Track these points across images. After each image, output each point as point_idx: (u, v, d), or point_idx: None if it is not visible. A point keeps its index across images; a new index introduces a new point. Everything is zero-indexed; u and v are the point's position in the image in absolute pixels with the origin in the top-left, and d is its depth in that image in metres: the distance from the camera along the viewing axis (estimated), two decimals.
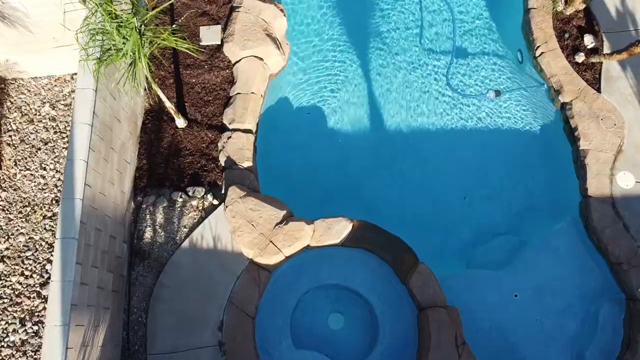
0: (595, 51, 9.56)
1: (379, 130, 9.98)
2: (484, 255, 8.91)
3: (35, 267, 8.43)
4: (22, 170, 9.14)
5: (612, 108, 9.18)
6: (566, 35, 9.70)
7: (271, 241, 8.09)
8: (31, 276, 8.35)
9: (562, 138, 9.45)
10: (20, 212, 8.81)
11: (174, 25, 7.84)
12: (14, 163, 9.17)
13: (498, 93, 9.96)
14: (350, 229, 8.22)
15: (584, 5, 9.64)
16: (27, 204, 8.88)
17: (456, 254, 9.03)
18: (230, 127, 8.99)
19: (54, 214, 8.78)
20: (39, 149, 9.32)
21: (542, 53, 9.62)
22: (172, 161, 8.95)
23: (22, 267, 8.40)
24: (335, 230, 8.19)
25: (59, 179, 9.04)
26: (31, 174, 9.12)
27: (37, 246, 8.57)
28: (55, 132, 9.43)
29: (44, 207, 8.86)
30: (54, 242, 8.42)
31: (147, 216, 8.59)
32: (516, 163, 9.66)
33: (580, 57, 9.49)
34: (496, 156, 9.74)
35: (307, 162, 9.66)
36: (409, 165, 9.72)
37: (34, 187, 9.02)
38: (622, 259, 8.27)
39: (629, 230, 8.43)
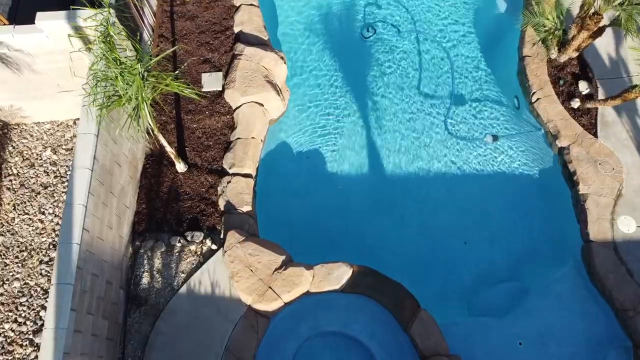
0: (590, 97, 9.73)
1: (378, 175, 10.02)
2: (486, 301, 8.75)
3: (29, 313, 8.26)
4: (20, 214, 9.10)
5: (609, 152, 9.25)
6: (561, 82, 9.89)
7: (270, 287, 7.96)
8: (24, 323, 8.16)
9: (561, 182, 9.47)
10: (17, 257, 8.71)
11: (176, 72, 8.00)
12: (12, 207, 9.15)
13: (495, 138, 10.06)
14: (350, 275, 8.12)
15: (577, 53, 9.88)
16: (24, 248, 8.79)
17: (458, 300, 8.87)
18: (230, 171, 9.02)
19: (51, 259, 8.68)
20: (39, 193, 9.32)
21: (538, 99, 9.78)
22: (172, 205, 8.93)
23: (16, 314, 8.23)
24: (335, 275, 8.08)
25: (57, 224, 8.99)
26: (29, 218, 9.08)
27: (32, 292, 8.42)
28: (55, 177, 9.46)
29: (41, 251, 8.77)
30: (49, 288, 8.29)
31: (145, 261, 8.48)
32: (516, 207, 9.64)
33: (575, 103, 9.64)
34: (496, 200, 9.73)
35: (306, 207, 9.65)
36: (408, 209, 9.70)
37: (31, 232, 8.96)
38: (627, 305, 8.12)
39: (632, 275, 8.32)
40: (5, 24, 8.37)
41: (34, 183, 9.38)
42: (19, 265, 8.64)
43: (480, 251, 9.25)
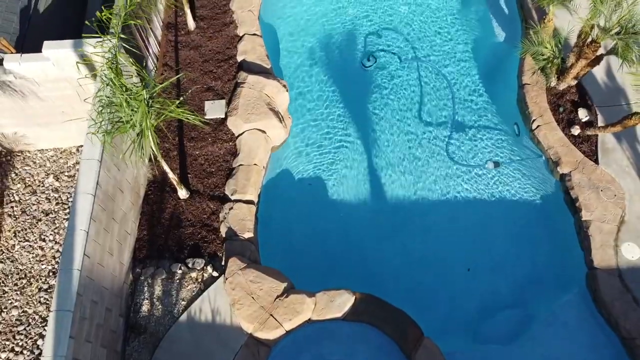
0: (590, 124, 9.80)
1: (380, 202, 10.01)
2: (491, 329, 8.62)
3: (26, 342, 8.13)
4: (21, 241, 9.06)
5: (611, 179, 9.26)
6: (561, 109, 9.98)
7: (271, 315, 7.86)
8: (21, 352, 8.03)
9: (563, 208, 9.45)
10: (16, 285, 8.63)
11: (180, 99, 8.08)
12: (13, 234, 9.11)
13: (497, 164, 10.09)
14: (353, 302, 8.02)
15: (575, 81, 10.00)
16: (23, 276, 8.72)
17: (462, 328, 8.73)
18: (232, 198, 9.02)
19: (50, 287, 8.59)
20: (40, 220, 9.30)
21: (538, 126, 9.85)
22: (173, 232, 8.89)
23: (13, 343, 8.10)
24: (337, 303, 7.99)
25: (58, 251, 8.94)
26: (30, 245, 9.03)
27: (30, 320, 8.31)
28: (57, 203, 9.45)
29: (40, 279, 8.69)
30: (47, 316, 8.19)
31: (145, 288, 8.40)
32: (519, 233, 9.59)
33: (575, 130, 9.70)
34: (499, 227, 9.68)
35: (308, 233, 9.60)
36: (411, 236, 9.64)
37: (31, 259, 8.90)
38: (633, 333, 7.99)
39: (638, 303, 8.22)
40: (12, 52, 8.50)
41: (35, 210, 9.37)
42: (18, 292, 8.55)
43: (484, 278, 9.15)
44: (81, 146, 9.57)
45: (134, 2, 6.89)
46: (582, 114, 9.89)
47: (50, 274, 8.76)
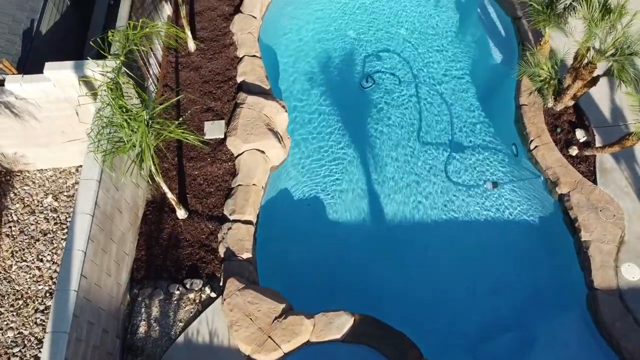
0: (588, 144, 9.84)
1: (379, 222, 9.99)
2: (491, 351, 8.52)
3: None
4: (18, 261, 9.02)
5: (609, 199, 9.26)
6: (558, 130, 10.03)
7: (269, 336, 7.78)
8: None
9: (562, 229, 9.43)
10: (12, 306, 8.56)
11: (180, 119, 8.13)
12: (11, 254, 9.07)
13: (495, 184, 10.11)
14: (352, 324, 7.95)
15: (572, 102, 10.07)
16: (19, 296, 8.65)
17: (462, 350, 8.64)
18: (231, 218, 9.01)
19: (47, 308, 8.52)
20: (38, 240, 9.27)
21: (536, 146, 9.89)
22: (171, 252, 8.86)
23: None
24: (336, 324, 7.91)
25: (55, 271, 8.89)
26: (27, 266, 8.99)
27: (26, 342, 8.22)
28: (55, 223, 9.43)
29: (37, 300, 8.62)
30: (43, 338, 8.10)
31: (143, 309, 8.33)
32: (518, 254, 9.55)
33: (573, 150, 9.74)
34: (498, 247, 9.65)
35: (307, 254, 9.56)
36: (410, 257, 9.60)
37: (28, 279, 8.84)
38: (636, 354, 7.90)
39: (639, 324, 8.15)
40: (14, 73, 8.58)
41: (33, 230, 9.35)
42: (14, 314, 8.48)
43: (484, 299, 9.08)
44: (80, 166, 9.59)
45: (139, 33, 6.97)
46: (580, 135, 9.94)
47: (47, 294, 8.70)
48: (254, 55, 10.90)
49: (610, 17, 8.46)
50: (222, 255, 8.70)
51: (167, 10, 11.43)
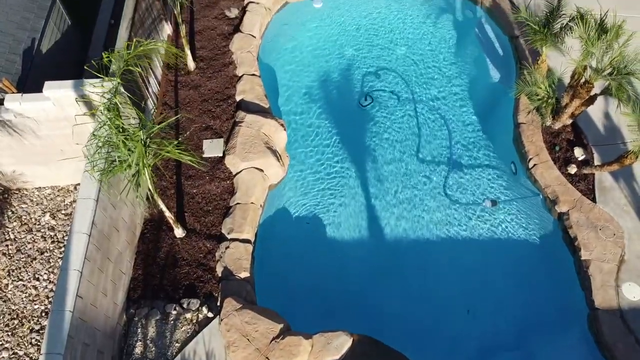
0: (587, 163, 9.84)
1: (378, 240, 9.94)
2: None
3: None
4: (14, 280, 8.95)
5: (609, 218, 9.22)
6: (557, 148, 10.04)
7: (267, 357, 7.68)
8: None
9: (562, 247, 9.38)
10: (7, 325, 8.48)
11: (178, 139, 8.14)
12: (7, 273, 9.01)
13: (494, 202, 10.08)
14: (351, 344, 7.84)
15: (571, 120, 10.09)
16: (15, 316, 8.57)
17: None
18: (229, 236, 8.96)
19: (42, 327, 8.43)
20: (35, 258, 9.21)
21: (535, 165, 9.89)
22: (168, 272, 8.79)
23: None
24: (334, 345, 7.81)
25: (51, 290, 8.82)
26: (23, 285, 8.92)
27: None
28: (52, 242, 9.39)
29: (33, 319, 8.54)
30: (38, 359, 8.00)
31: (139, 330, 8.24)
32: (518, 273, 9.49)
33: (572, 169, 9.73)
34: (497, 266, 9.59)
35: (306, 273, 9.49)
36: (409, 276, 9.53)
37: (24, 299, 8.77)
38: None
39: None
40: (14, 92, 8.62)
41: (30, 248, 9.30)
42: (9, 333, 8.39)
43: (484, 319, 8.99)
44: (79, 184, 9.56)
45: (134, 52, 7.02)
46: (578, 153, 9.95)
47: (43, 314, 8.62)
48: (253, 74, 10.97)
49: (606, 37, 8.52)
50: (220, 275, 8.64)
51: (167, 29, 11.53)
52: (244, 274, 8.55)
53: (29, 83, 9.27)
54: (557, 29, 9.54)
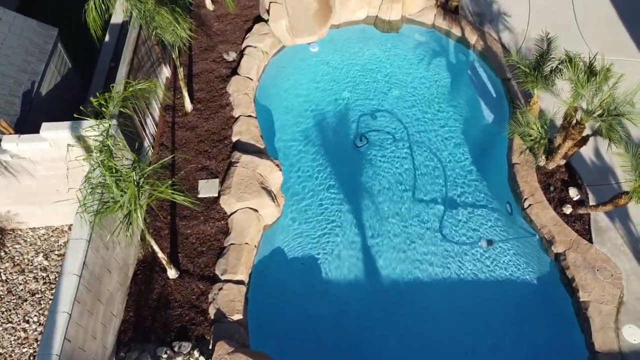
0: (582, 203, 9.83)
1: (374, 282, 9.82)
2: None
3: None
4: (3, 322, 8.80)
5: (606, 258, 9.15)
6: (551, 188, 10.06)
7: None
8: None
9: (560, 288, 9.27)
10: None
11: (172, 179, 8.17)
12: None
13: (490, 242, 10.02)
14: None
15: (564, 161, 10.15)
16: (2, 359, 8.40)
17: None
18: (222, 277, 8.87)
19: None
20: (26, 300, 9.09)
21: (530, 205, 9.88)
22: (160, 313, 8.66)
23: None
24: None
25: (41, 333, 8.65)
26: (13, 327, 8.77)
27: None
28: (44, 283, 9.29)
29: None
30: None
31: None
32: (516, 315, 9.34)
33: (567, 209, 9.72)
34: (495, 307, 9.44)
35: (300, 315, 9.34)
36: (406, 318, 9.37)
37: (13, 342, 8.60)
38: None
39: None
40: (11, 133, 8.72)
41: (21, 290, 9.20)
42: None
43: None
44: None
45: (125, 93, 7.16)
46: (573, 193, 9.96)
47: (32, 358, 8.44)
48: (250, 115, 11.11)
49: (595, 79, 8.66)
50: (212, 317, 8.50)
51: (166, 72, 11.76)
52: (237, 316, 8.41)
53: (28, 124, 9.38)
54: (547, 72, 9.72)
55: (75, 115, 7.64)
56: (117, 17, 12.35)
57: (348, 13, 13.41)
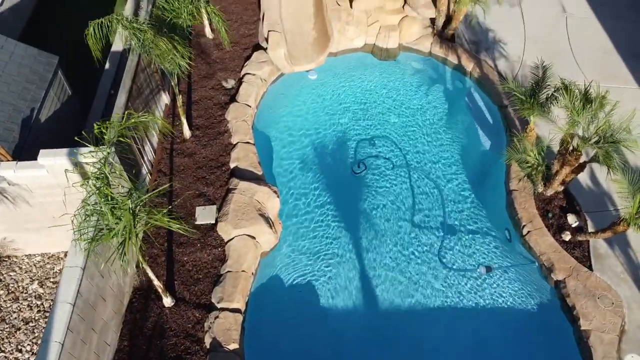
0: (580, 229, 9.78)
1: (372, 312, 9.70)
2: None
3: None
4: None
5: (607, 286, 9.06)
6: (550, 215, 10.02)
7: None
8: None
9: (561, 316, 9.14)
10: None
11: (169, 207, 8.14)
12: None
13: (489, 269, 9.94)
14: None
15: (562, 187, 10.14)
16: None
17: None
18: (219, 306, 8.76)
19: None
20: (19, 328, 8.97)
21: (528, 232, 9.83)
22: (155, 343, 8.52)
23: None
24: None
25: None
26: (5, 357, 8.62)
27: None
28: (38, 311, 9.17)
29: None
30: None
31: None
32: (517, 342, 9.19)
33: (566, 236, 9.67)
34: (495, 336, 9.30)
35: (297, 345, 9.19)
36: (405, 346, 9.22)
37: None
38: None
39: None
40: (9, 160, 8.73)
41: (15, 318, 9.08)
42: None
43: None
44: None
45: (127, 123, 7.20)
46: (572, 220, 9.92)
47: None
48: (248, 142, 11.15)
49: (591, 106, 8.72)
50: (208, 346, 8.37)
51: (165, 99, 11.85)
52: (233, 346, 8.28)
53: (26, 151, 9.41)
54: (543, 99, 9.79)
55: (75, 139, 7.66)
56: (117, 46, 12.53)
57: (346, 41, 13.59)
